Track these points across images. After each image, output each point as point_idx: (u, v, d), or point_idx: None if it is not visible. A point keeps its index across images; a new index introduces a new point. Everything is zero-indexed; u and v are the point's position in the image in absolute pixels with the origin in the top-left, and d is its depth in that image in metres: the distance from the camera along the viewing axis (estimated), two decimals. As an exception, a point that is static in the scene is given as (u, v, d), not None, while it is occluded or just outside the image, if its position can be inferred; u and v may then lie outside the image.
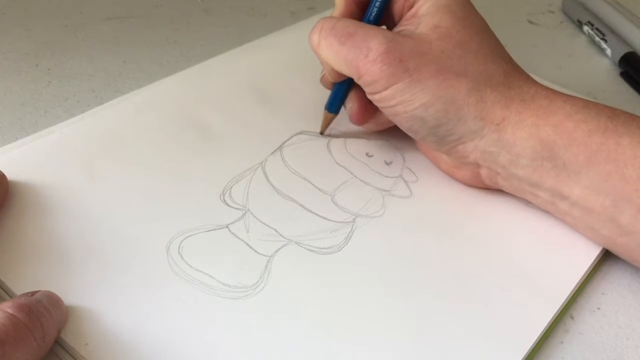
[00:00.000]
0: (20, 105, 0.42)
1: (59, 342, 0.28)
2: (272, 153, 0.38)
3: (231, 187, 0.36)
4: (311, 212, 0.35)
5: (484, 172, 0.35)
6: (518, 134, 0.32)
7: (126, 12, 0.53)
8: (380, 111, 0.37)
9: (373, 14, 0.37)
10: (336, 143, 0.40)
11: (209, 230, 0.33)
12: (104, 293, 0.29)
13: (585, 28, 0.55)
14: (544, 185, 0.33)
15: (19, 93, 0.43)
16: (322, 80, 0.40)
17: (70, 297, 0.29)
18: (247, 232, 0.33)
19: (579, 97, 0.33)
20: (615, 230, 0.32)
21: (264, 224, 0.34)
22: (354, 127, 0.40)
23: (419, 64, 0.33)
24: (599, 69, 0.52)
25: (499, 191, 0.37)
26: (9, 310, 0.25)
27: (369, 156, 0.39)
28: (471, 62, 0.33)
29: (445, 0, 0.34)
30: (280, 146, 0.39)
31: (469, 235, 0.35)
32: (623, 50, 0.51)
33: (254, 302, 0.30)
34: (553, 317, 0.31)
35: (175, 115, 0.40)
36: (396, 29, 0.36)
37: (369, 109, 0.38)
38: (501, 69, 0.34)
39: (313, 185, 0.36)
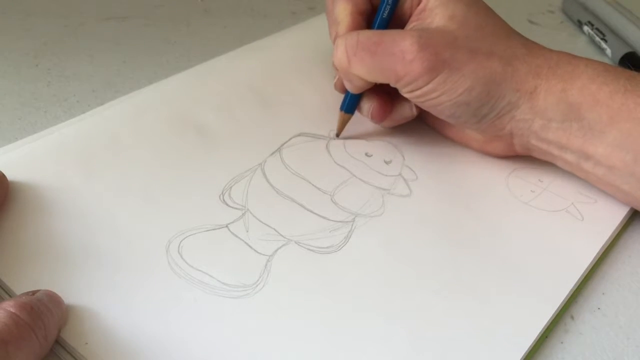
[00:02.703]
0: (20, 105, 0.42)
1: (59, 342, 0.28)
2: (272, 154, 0.38)
3: (231, 188, 0.36)
4: (311, 211, 0.35)
5: (516, 141, 0.37)
6: (549, 100, 0.34)
7: (126, 12, 0.53)
8: (397, 107, 0.39)
9: (387, 12, 0.37)
10: (335, 144, 0.40)
11: (209, 230, 0.33)
12: (103, 292, 0.29)
13: (585, 28, 0.55)
14: (571, 147, 0.35)
15: (19, 93, 0.43)
16: (337, 85, 0.40)
17: (70, 296, 0.29)
18: (247, 231, 0.33)
19: (598, 61, 0.35)
20: (635, 184, 0.34)
21: (264, 223, 0.34)
22: (354, 129, 0.40)
23: (453, 53, 0.34)
24: (598, 69, 0.52)
25: (499, 189, 0.37)
26: (12, 310, 0.25)
27: (368, 156, 0.39)
28: (493, 42, 0.35)
29: None
30: (279, 147, 0.39)
31: (468, 234, 0.35)
32: (623, 50, 0.51)
33: (253, 302, 0.30)
34: (552, 316, 0.31)
35: (175, 116, 0.40)
36: (409, 26, 0.37)
37: (388, 104, 0.39)
38: (519, 43, 0.36)
39: (312, 185, 0.36)
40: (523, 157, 0.39)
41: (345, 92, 0.39)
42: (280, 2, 0.57)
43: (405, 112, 0.39)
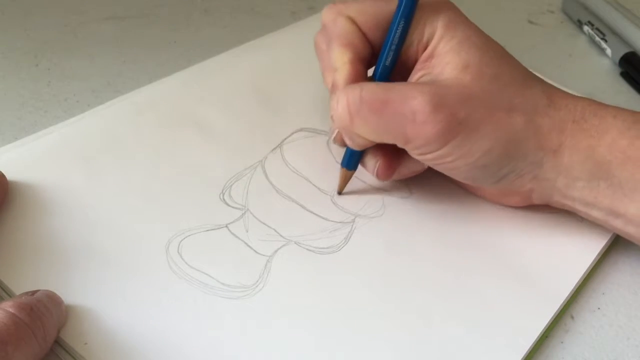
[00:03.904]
0: (20, 105, 0.42)
1: (58, 342, 0.28)
2: (272, 150, 0.38)
3: (231, 186, 0.36)
4: (311, 212, 0.35)
5: (536, 196, 0.34)
6: (575, 158, 0.32)
7: (126, 12, 0.53)
8: (405, 161, 0.35)
9: (389, 59, 0.33)
10: (336, 141, 0.40)
11: (209, 230, 0.33)
12: (103, 293, 0.29)
13: (585, 28, 0.55)
14: (598, 205, 0.32)
15: (19, 93, 0.43)
16: (336, 139, 0.36)
17: (69, 296, 0.29)
18: (247, 231, 0.33)
19: (626, 110, 0.32)
20: None
21: (264, 223, 0.34)
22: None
23: (469, 112, 0.31)
24: (599, 69, 0.52)
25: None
26: (11, 310, 0.25)
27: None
28: (513, 94, 0.32)
29: (462, 33, 0.32)
30: (280, 143, 0.39)
31: (468, 235, 0.35)
32: (623, 50, 0.51)
33: (253, 302, 0.30)
34: (553, 316, 0.31)
35: (174, 114, 0.40)
36: (415, 75, 0.33)
37: (395, 160, 0.35)
38: (540, 91, 0.32)
39: (313, 185, 0.36)
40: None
41: (346, 147, 0.35)
42: (280, 2, 0.57)
43: (415, 167, 0.35)
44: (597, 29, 0.54)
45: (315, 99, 0.43)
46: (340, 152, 0.38)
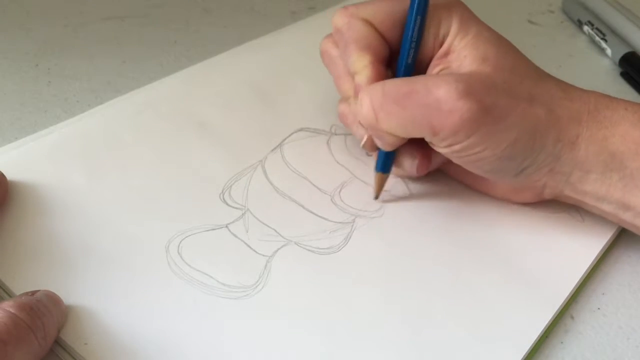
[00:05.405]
0: (20, 105, 0.42)
1: (58, 342, 0.28)
2: (272, 150, 0.38)
3: (231, 186, 0.36)
4: (311, 212, 0.35)
5: (548, 191, 0.34)
6: (590, 150, 0.32)
7: (126, 12, 0.53)
8: (434, 153, 0.35)
9: (411, 57, 0.33)
10: (336, 140, 0.40)
11: (209, 230, 0.33)
12: (103, 293, 0.29)
13: (585, 28, 0.55)
14: (609, 198, 0.32)
15: (19, 93, 0.43)
16: (366, 145, 0.35)
17: (69, 296, 0.29)
18: (247, 232, 0.33)
19: (636, 103, 0.33)
20: None
21: (264, 223, 0.34)
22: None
23: (495, 100, 0.30)
24: (599, 69, 0.52)
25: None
26: (11, 310, 0.25)
27: (369, 155, 0.39)
28: (531, 86, 0.32)
29: (475, 29, 0.32)
30: (280, 143, 0.39)
31: (468, 235, 0.35)
32: (623, 50, 0.51)
33: (253, 302, 0.30)
34: (553, 316, 0.31)
35: (174, 114, 0.40)
36: (433, 70, 0.33)
37: (429, 156, 0.35)
38: (552, 83, 0.33)
39: (313, 184, 0.36)
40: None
41: (378, 151, 0.35)
42: (280, 2, 0.57)
43: (442, 157, 0.34)
44: (597, 29, 0.54)
45: (315, 99, 0.43)
46: (340, 152, 0.39)
